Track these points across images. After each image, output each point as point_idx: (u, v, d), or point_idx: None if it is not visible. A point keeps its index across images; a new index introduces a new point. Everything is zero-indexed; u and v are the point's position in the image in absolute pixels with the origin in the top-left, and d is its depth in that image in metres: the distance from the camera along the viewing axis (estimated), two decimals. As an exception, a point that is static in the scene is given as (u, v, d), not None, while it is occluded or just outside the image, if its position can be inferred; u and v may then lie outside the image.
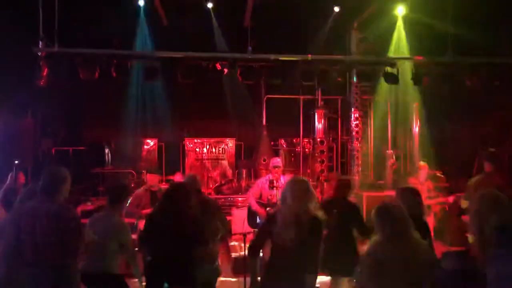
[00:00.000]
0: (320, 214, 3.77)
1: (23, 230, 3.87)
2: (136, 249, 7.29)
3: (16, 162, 6.96)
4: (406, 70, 9.11)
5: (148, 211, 6.45)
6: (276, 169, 6.89)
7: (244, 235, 6.58)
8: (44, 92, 8.29)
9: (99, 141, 12.27)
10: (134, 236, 7.53)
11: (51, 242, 3.84)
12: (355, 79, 10.58)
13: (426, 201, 7.59)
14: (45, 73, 7.02)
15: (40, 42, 7.00)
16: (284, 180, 7.28)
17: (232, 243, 8.44)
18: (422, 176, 7.77)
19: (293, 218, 3.63)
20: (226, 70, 7.61)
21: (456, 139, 11.94)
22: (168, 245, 3.94)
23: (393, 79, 8.03)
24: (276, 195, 6.64)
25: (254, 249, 3.90)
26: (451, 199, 7.65)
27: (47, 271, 3.85)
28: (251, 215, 6.90)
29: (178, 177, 8.72)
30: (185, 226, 3.96)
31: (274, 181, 6.89)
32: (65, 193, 4.07)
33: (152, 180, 6.91)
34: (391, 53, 9.89)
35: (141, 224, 6.45)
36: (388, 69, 8.07)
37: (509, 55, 8.34)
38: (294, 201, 3.71)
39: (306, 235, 3.57)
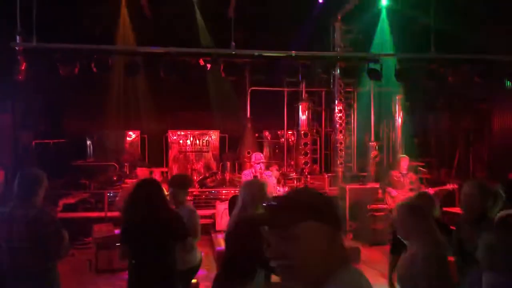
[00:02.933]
0: None
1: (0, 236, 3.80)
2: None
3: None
4: (389, 63, 9.15)
5: None
6: (259, 164, 6.90)
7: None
8: (23, 86, 8.11)
9: (80, 133, 12.11)
10: (117, 231, 7.58)
11: (29, 248, 3.78)
12: (338, 71, 10.60)
13: (408, 193, 7.74)
14: (23, 68, 6.84)
15: (18, 37, 6.82)
16: (267, 174, 7.28)
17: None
18: (404, 168, 7.91)
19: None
20: (209, 66, 7.53)
21: (438, 131, 12.10)
22: (150, 244, 3.85)
23: (376, 75, 8.05)
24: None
25: None
26: (431, 191, 7.76)
27: (26, 277, 3.80)
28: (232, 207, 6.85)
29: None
30: (165, 222, 3.88)
31: (258, 175, 6.89)
32: (41, 195, 3.99)
33: (142, 173, 6.83)
34: (375, 47, 9.92)
35: None
36: (371, 65, 8.08)
37: (490, 52, 8.43)
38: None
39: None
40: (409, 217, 3.15)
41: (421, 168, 9.30)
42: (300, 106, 11.38)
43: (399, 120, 11.18)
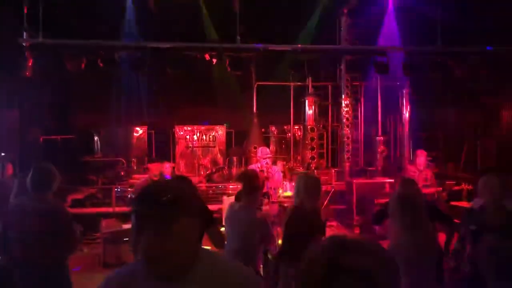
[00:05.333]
0: None
1: (11, 229, 3.83)
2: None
3: (3, 154, 6.87)
4: (396, 57, 9.09)
5: None
6: (266, 159, 6.87)
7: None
8: (31, 81, 8.15)
9: (88, 129, 12.15)
10: (126, 226, 7.61)
11: (41, 241, 3.80)
12: (345, 65, 10.56)
13: (422, 190, 7.63)
14: (30, 64, 6.88)
15: (25, 33, 6.85)
16: (275, 169, 7.23)
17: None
18: (421, 164, 7.55)
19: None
20: (215, 61, 7.53)
21: (445, 125, 12.02)
22: None
23: (383, 68, 8.00)
24: (266, 185, 6.62)
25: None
26: (440, 188, 7.69)
27: (37, 271, 3.83)
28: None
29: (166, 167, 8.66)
30: None
31: (264, 171, 6.86)
32: (54, 189, 4.02)
33: (153, 169, 6.81)
34: (382, 40, 9.86)
35: None
36: (378, 58, 8.03)
37: (497, 44, 8.35)
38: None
39: None
40: (399, 208, 3.18)
41: (429, 162, 9.22)
42: (306, 101, 11.35)
43: (406, 114, 11.11)
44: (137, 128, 12.40)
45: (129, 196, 6.91)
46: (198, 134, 12.28)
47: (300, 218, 3.98)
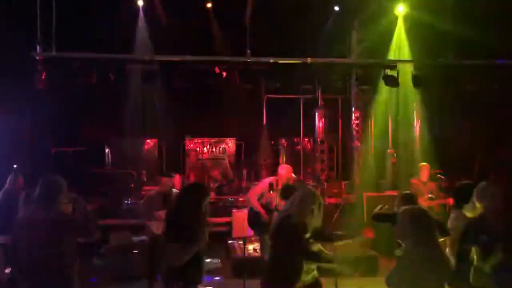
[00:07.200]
0: None
1: (20, 240, 3.85)
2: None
3: (15, 166, 6.94)
4: (406, 70, 9.07)
5: (160, 213, 6.37)
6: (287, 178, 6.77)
7: (244, 239, 6.56)
8: (43, 94, 8.27)
9: (99, 141, 12.24)
10: (135, 238, 7.63)
11: (48, 252, 3.81)
12: (355, 78, 10.54)
13: (427, 202, 7.61)
14: (43, 77, 6.98)
15: (38, 47, 6.97)
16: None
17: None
18: (424, 176, 7.75)
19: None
20: (224, 74, 7.58)
21: (457, 139, 11.91)
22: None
23: (393, 81, 7.98)
24: (275, 198, 6.57)
25: None
26: (451, 201, 7.62)
27: (44, 283, 3.84)
28: (252, 217, 6.82)
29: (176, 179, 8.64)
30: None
31: (274, 184, 6.83)
32: (61, 201, 4.03)
33: (166, 183, 6.81)
34: (392, 54, 9.84)
35: (152, 225, 6.39)
36: (388, 71, 8.02)
37: (509, 57, 8.29)
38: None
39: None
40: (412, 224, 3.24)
41: (440, 176, 9.13)
42: (316, 113, 11.36)
43: (417, 127, 11.04)
44: (148, 140, 12.47)
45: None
46: (208, 147, 12.32)
47: (282, 227, 3.94)
